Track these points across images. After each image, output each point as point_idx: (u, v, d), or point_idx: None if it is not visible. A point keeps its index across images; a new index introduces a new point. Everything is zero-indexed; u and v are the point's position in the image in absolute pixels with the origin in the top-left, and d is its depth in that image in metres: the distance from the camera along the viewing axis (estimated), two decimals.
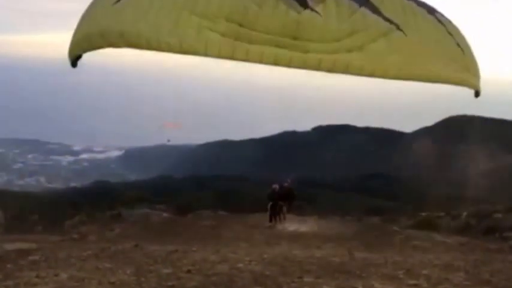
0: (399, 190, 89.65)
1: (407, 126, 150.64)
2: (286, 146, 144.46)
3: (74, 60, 5.43)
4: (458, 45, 4.73)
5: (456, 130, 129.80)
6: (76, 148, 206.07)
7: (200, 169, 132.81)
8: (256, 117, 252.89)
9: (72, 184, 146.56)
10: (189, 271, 8.48)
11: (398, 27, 4.10)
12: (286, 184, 18.21)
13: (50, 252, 9.89)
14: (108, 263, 8.97)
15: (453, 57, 4.61)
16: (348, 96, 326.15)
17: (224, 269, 8.70)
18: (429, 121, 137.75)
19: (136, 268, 8.59)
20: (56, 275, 7.98)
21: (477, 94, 5.07)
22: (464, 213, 15.92)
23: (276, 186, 17.67)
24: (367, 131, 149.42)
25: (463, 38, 5.00)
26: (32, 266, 8.76)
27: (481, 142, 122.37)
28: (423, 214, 17.55)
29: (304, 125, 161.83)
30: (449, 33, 4.71)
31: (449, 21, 4.91)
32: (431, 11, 4.76)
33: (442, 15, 4.84)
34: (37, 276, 7.89)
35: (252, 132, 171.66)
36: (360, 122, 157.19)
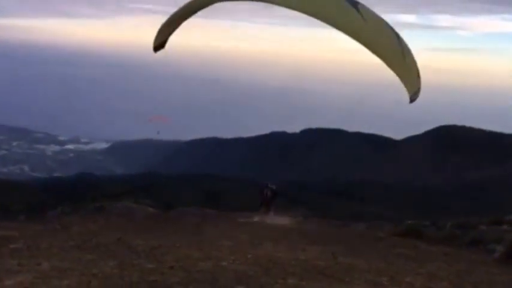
0: (386, 197, 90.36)
1: (397, 134, 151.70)
2: (274, 146, 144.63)
3: (159, 46, 7.01)
4: (402, 52, 5.75)
5: (445, 140, 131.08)
6: (61, 138, 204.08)
7: (187, 166, 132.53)
8: (245, 116, 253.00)
9: (56, 174, 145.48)
10: (172, 267, 8.43)
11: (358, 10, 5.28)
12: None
13: (32, 241, 9.77)
14: (90, 255, 8.90)
15: (394, 53, 5.66)
16: (340, 100, 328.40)
17: (207, 266, 8.66)
18: (419, 129, 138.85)
19: (119, 261, 8.52)
20: (38, 264, 7.90)
21: (411, 100, 5.99)
22: (450, 223, 16.09)
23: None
24: (358, 135, 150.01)
25: (409, 51, 5.98)
26: (13, 254, 8.67)
27: (469, 152, 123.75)
28: (409, 222, 17.68)
29: (294, 126, 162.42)
30: (400, 43, 5.79)
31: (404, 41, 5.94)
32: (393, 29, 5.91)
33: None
34: (19, 265, 7.81)
35: (240, 131, 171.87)
36: (351, 127, 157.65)
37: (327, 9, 5.17)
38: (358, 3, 5.44)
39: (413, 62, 5.99)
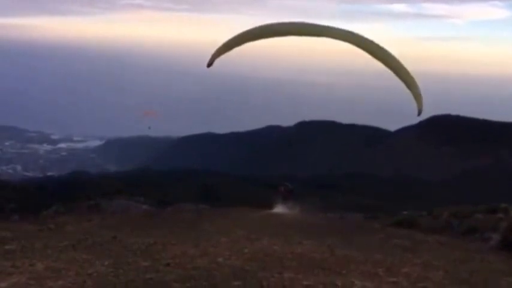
0: (381, 188, 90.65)
1: (392, 124, 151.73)
2: (269, 140, 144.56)
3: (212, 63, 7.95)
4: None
5: (440, 129, 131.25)
6: (54, 137, 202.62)
7: (181, 162, 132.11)
8: (239, 110, 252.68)
9: (50, 173, 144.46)
10: (168, 264, 8.40)
11: None
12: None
13: (26, 242, 9.68)
14: (85, 254, 8.83)
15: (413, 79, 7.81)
16: (334, 92, 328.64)
17: (203, 263, 8.64)
18: (412, 120, 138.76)
19: (115, 260, 8.46)
20: (32, 265, 7.83)
21: (419, 113, 7.90)
22: (445, 213, 16.15)
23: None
24: (352, 127, 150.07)
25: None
26: (7, 255, 8.57)
27: (464, 142, 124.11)
28: (404, 213, 17.74)
29: (288, 119, 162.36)
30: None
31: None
32: None
33: None
34: (12, 266, 7.72)
35: (234, 126, 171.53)
36: (345, 119, 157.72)
37: (367, 43, 7.69)
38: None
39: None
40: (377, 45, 7.68)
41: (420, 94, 7.80)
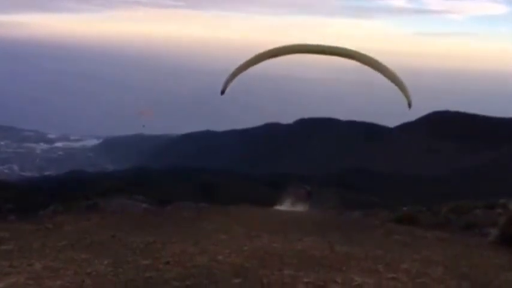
0: (381, 184, 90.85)
1: (390, 121, 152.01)
2: (268, 138, 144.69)
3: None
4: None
5: (439, 125, 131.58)
6: (51, 136, 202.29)
7: (180, 160, 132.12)
8: (238, 108, 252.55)
9: (47, 173, 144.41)
10: (167, 263, 8.38)
11: None
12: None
13: (24, 242, 9.64)
14: (84, 254, 8.79)
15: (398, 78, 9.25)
16: (333, 89, 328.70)
17: (203, 261, 8.61)
18: (412, 116, 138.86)
19: (114, 259, 8.44)
20: (30, 265, 7.80)
21: (410, 106, 9.63)
22: (445, 209, 16.22)
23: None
24: (351, 124, 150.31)
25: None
26: (5, 255, 8.53)
27: (463, 138, 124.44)
28: (404, 209, 17.79)
29: (287, 117, 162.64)
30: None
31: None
32: None
33: None
34: (10, 266, 7.70)
35: (233, 124, 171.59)
36: (344, 116, 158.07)
37: (369, 58, 9.24)
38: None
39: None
40: (364, 55, 9.16)
41: (406, 87, 9.08)
